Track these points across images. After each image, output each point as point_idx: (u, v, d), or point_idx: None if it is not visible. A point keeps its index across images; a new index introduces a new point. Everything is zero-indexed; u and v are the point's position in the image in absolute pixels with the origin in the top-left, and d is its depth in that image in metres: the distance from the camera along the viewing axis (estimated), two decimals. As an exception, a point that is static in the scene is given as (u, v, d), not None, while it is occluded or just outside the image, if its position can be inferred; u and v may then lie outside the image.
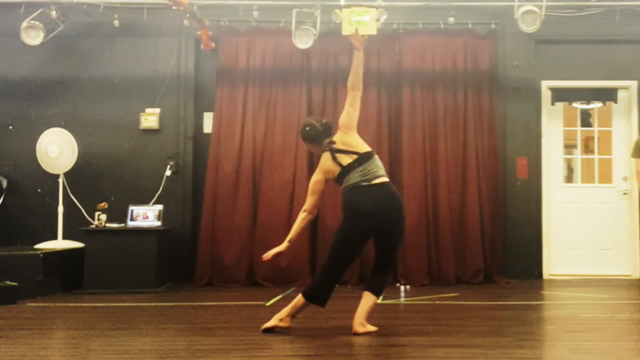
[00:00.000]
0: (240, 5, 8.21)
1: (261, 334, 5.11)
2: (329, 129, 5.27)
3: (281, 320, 5.13)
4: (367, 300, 5.15)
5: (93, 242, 7.53)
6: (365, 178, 5.07)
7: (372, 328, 5.12)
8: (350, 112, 5.22)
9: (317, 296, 5.11)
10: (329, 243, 5.32)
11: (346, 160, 5.12)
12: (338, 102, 7.99)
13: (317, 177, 5.22)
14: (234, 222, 8.15)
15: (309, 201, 5.18)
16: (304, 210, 5.18)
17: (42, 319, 5.95)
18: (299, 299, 5.12)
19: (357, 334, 5.03)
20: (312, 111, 8.22)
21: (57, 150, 7.89)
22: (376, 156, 5.22)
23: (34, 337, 5.06)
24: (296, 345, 4.82)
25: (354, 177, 5.09)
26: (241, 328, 5.39)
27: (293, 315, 5.15)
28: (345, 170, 5.10)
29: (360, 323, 5.08)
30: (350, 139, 5.17)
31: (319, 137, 5.25)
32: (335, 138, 5.20)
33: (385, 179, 5.14)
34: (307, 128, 5.29)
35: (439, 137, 8.32)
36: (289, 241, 5.20)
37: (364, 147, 5.17)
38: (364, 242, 5.21)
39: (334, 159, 5.14)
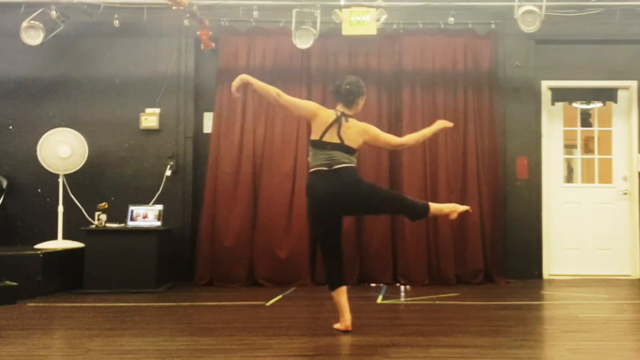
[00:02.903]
0: (240, 5, 8.22)
1: (261, 334, 5.11)
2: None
3: (341, 322, 5.20)
4: (435, 214, 5.40)
5: (93, 242, 7.53)
6: (326, 162, 5.09)
7: (463, 208, 5.42)
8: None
9: (329, 283, 5.26)
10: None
11: (331, 137, 5.12)
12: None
13: (311, 104, 5.31)
14: (233, 222, 8.15)
15: (289, 98, 5.22)
16: (278, 94, 5.15)
17: (42, 319, 5.95)
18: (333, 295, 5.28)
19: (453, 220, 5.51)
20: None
21: (68, 150, 7.89)
22: (356, 154, 5.22)
23: (34, 337, 5.06)
24: (296, 345, 4.82)
25: (319, 158, 5.12)
26: (241, 328, 5.39)
27: (343, 311, 5.20)
28: (320, 143, 5.12)
29: (451, 212, 5.35)
30: (353, 132, 5.17)
31: (358, 93, 5.30)
32: (350, 121, 5.21)
33: (345, 165, 5.11)
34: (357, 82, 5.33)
35: (439, 137, 8.30)
36: (248, 81, 5.15)
37: (354, 143, 5.16)
38: (330, 221, 5.21)
39: (331, 124, 5.11)
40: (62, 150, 7.89)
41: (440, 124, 5.50)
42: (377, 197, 5.25)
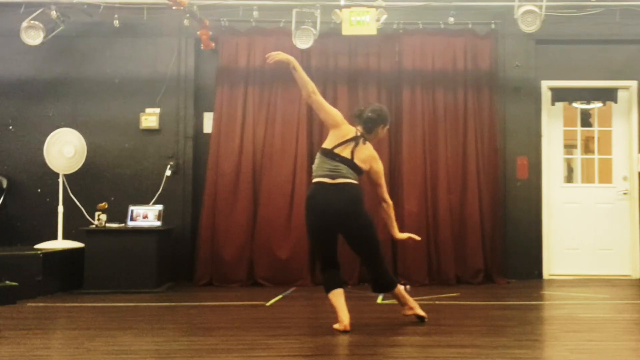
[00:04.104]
0: (240, 5, 8.22)
1: (261, 334, 5.11)
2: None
3: (340, 323, 5.21)
4: (396, 296, 5.46)
5: (93, 242, 7.53)
6: (330, 174, 5.16)
7: (421, 312, 5.50)
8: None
9: (325, 286, 5.36)
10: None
11: (343, 150, 5.20)
12: (338, 102, 7.99)
13: (338, 114, 5.30)
14: (233, 222, 8.15)
15: (322, 100, 5.29)
16: (314, 91, 5.25)
17: (42, 319, 5.95)
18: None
19: (405, 316, 5.54)
20: (312, 111, 8.22)
21: (72, 150, 7.91)
22: (361, 174, 5.29)
23: (34, 337, 5.06)
24: (296, 345, 4.82)
25: (324, 167, 5.19)
26: (241, 328, 5.39)
27: (339, 312, 5.22)
28: (330, 153, 5.18)
29: (409, 307, 5.51)
30: (366, 154, 5.28)
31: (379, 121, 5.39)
32: (367, 144, 5.31)
33: (349, 181, 5.18)
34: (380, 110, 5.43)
35: (439, 137, 8.32)
36: (294, 67, 5.27)
37: (362, 164, 5.24)
38: (326, 234, 5.25)
39: (349, 140, 5.19)
40: (67, 150, 7.91)
41: (407, 235, 5.56)
42: (366, 234, 5.28)
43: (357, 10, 7.70)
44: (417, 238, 5.62)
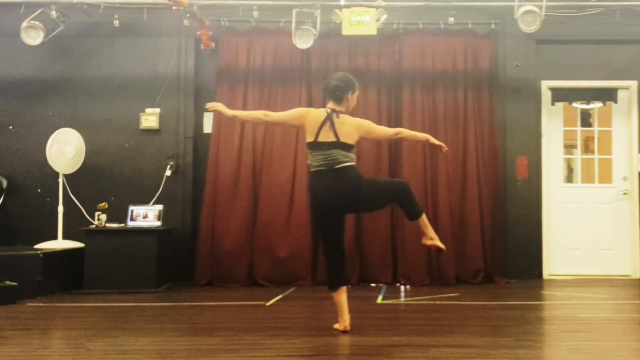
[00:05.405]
0: (240, 5, 8.22)
1: (261, 334, 5.11)
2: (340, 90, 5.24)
3: (340, 322, 5.19)
4: (419, 224, 5.28)
5: (93, 242, 7.53)
6: (327, 163, 5.09)
7: (440, 244, 5.28)
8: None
9: (329, 283, 5.25)
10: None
11: (326, 136, 5.10)
12: (338, 102, 7.98)
13: (297, 110, 5.38)
14: (233, 222, 8.15)
15: (276, 114, 5.37)
16: (265, 114, 5.30)
17: (42, 319, 5.95)
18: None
19: (424, 246, 5.34)
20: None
21: (73, 150, 7.93)
22: (354, 149, 5.18)
23: (34, 337, 5.06)
24: (296, 345, 4.82)
25: (318, 159, 5.12)
26: (241, 328, 5.39)
27: (340, 311, 5.19)
28: (316, 144, 5.11)
29: (429, 238, 5.26)
30: (348, 128, 5.15)
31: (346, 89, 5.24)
32: (342, 117, 5.17)
33: (346, 164, 5.10)
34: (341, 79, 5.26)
35: (439, 137, 8.22)
36: (233, 115, 5.34)
37: (349, 139, 5.13)
38: (331, 218, 5.19)
39: (323, 122, 5.10)
40: (68, 150, 7.92)
41: (436, 141, 5.45)
42: (379, 196, 5.25)
43: (357, 10, 7.71)
44: (445, 148, 5.54)
